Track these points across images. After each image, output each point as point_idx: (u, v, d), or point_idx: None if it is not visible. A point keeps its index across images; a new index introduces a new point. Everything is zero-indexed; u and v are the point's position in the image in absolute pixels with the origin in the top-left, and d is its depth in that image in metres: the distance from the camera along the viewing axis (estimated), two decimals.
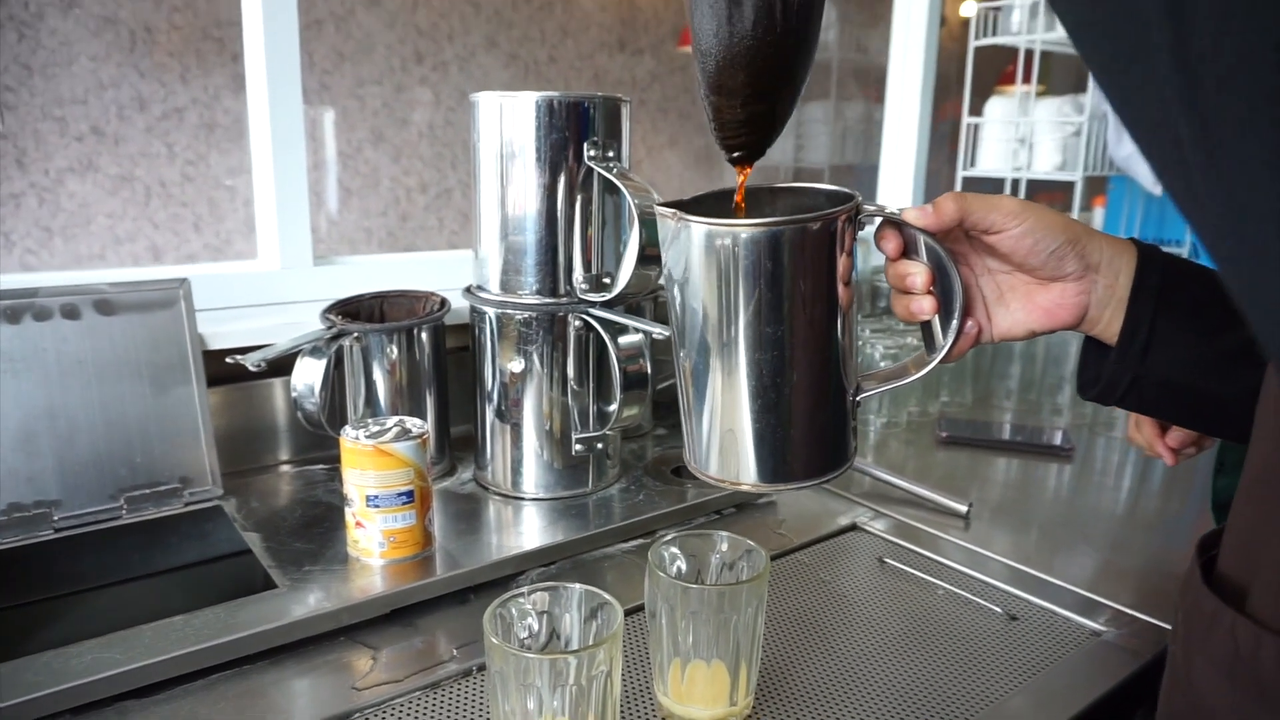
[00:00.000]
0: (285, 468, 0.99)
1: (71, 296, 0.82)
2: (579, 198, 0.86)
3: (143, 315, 0.85)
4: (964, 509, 0.94)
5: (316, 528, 0.83)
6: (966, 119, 1.71)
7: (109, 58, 2.99)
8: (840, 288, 0.50)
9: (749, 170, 0.52)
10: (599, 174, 0.85)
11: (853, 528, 0.92)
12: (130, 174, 3.11)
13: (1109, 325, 0.55)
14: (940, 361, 0.55)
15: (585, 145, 0.84)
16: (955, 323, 0.54)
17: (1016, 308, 0.56)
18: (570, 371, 0.90)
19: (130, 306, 0.85)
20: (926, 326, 0.56)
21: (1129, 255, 0.54)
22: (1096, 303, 0.54)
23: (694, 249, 0.49)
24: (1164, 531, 0.94)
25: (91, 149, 3.03)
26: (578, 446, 0.91)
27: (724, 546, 0.65)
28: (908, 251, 0.55)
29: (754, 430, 0.51)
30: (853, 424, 0.55)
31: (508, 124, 0.84)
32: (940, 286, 0.54)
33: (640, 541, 0.87)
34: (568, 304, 0.87)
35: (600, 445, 0.93)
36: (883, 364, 1.20)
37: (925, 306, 0.54)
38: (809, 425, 0.52)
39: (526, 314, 0.88)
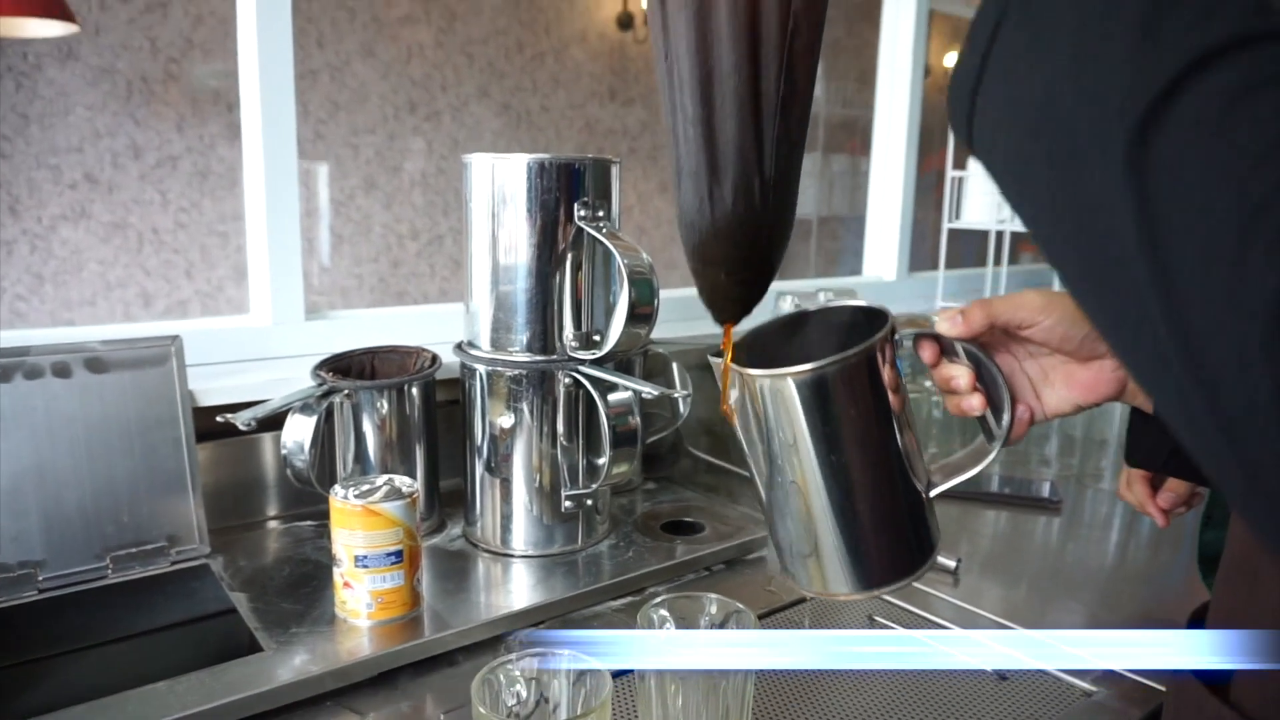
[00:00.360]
0: (273, 524, 0.99)
1: (63, 355, 0.82)
2: (569, 256, 0.87)
3: (134, 373, 0.86)
4: (953, 564, 0.94)
5: (304, 587, 0.83)
6: (951, 172, 1.74)
7: (105, 107, 3.02)
8: (890, 400, 0.53)
9: (734, 325, 0.55)
10: (589, 234, 0.86)
11: None
12: (123, 221, 3.13)
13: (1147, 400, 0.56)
14: (1000, 449, 0.58)
15: (576, 205, 0.86)
16: (1007, 416, 0.57)
17: (1060, 386, 0.58)
18: (560, 428, 0.90)
19: (122, 364, 0.85)
20: (981, 419, 0.58)
21: None
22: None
23: (750, 394, 0.53)
24: (1153, 585, 0.94)
25: (85, 196, 3.05)
26: (567, 503, 0.91)
27: (712, 609, 0.65)
28: (946, 354, 0.57)
29: (837, 548, 0.55)
30: (932, 518, 0.58)
31: (499, 184, 0.86)
32: (984, 382, 0.57)
33: (629, 599, 0.87)
34: (558, 361, 0.88)
35: (590, 501, 0.93)
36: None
37: (975, 404, 0.56)
38: (888, 533, 0.55)
39: (517, 371, 0.88)
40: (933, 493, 0.57)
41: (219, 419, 0.82)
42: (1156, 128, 0.25)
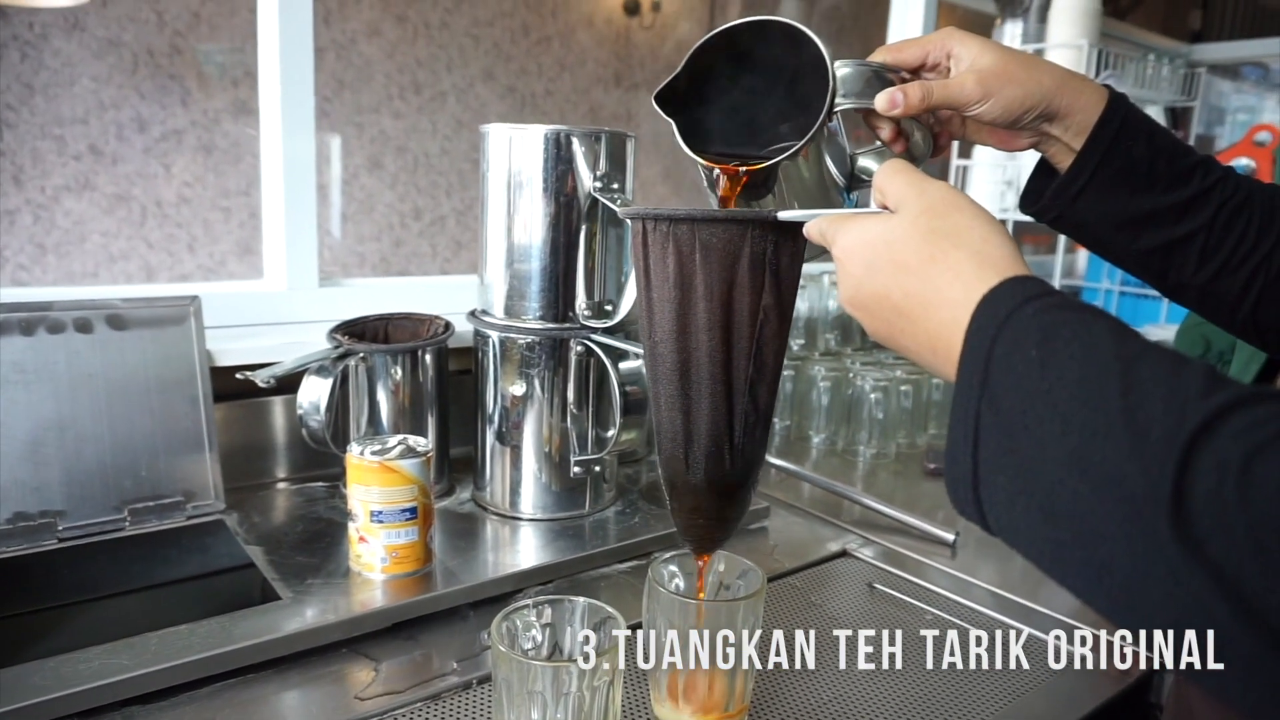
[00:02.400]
0: (285, 484, 1.00)
1: (85, 311, 0.84)
2: (583, 227, 0.89)
3: (153, 331, 0.87)
4: (951, 537, 0.96)
5: (318, 543, 0.85)
6: (955, 161, 1.76)
7: (110, 79, 3.02)
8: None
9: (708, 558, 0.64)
10: (603, 205, 0.88)
11: (843, 554, 0.94)
12: (127, 193, 3.13)
13: (1055, 158, 0.60)
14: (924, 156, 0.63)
15: (591, 177, 0.87)
16: (926, 146, 0.62)
17: (985, 135, 0.63)
18: (570, 396, 0.92)
19: (141, 322, 0.87)
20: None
21: (1092, 109, 0.57)
22: (1044, 144, 0.60)
23: None
24: None
25: (89, 168, 3.05)
26: (576, 469, 0.93)
27: (721, 566, 0.67)
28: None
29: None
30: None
31: (516, 155, 0.87)
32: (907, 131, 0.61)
33: (635, 563, 0.89)
34: (570, 329, 0.90)
35: (598, 468, 0.94)
36: (872, 395, 1.23)
37: (897, 149, 0.61)
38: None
39: (529, 338, 0.90)
40: (851, 195, 0.64)
41: (238, 375, 0.84)
42: (1188, 508, 0.30)
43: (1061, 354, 0.35)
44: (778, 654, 0.74)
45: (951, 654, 0.76)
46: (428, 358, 0.95)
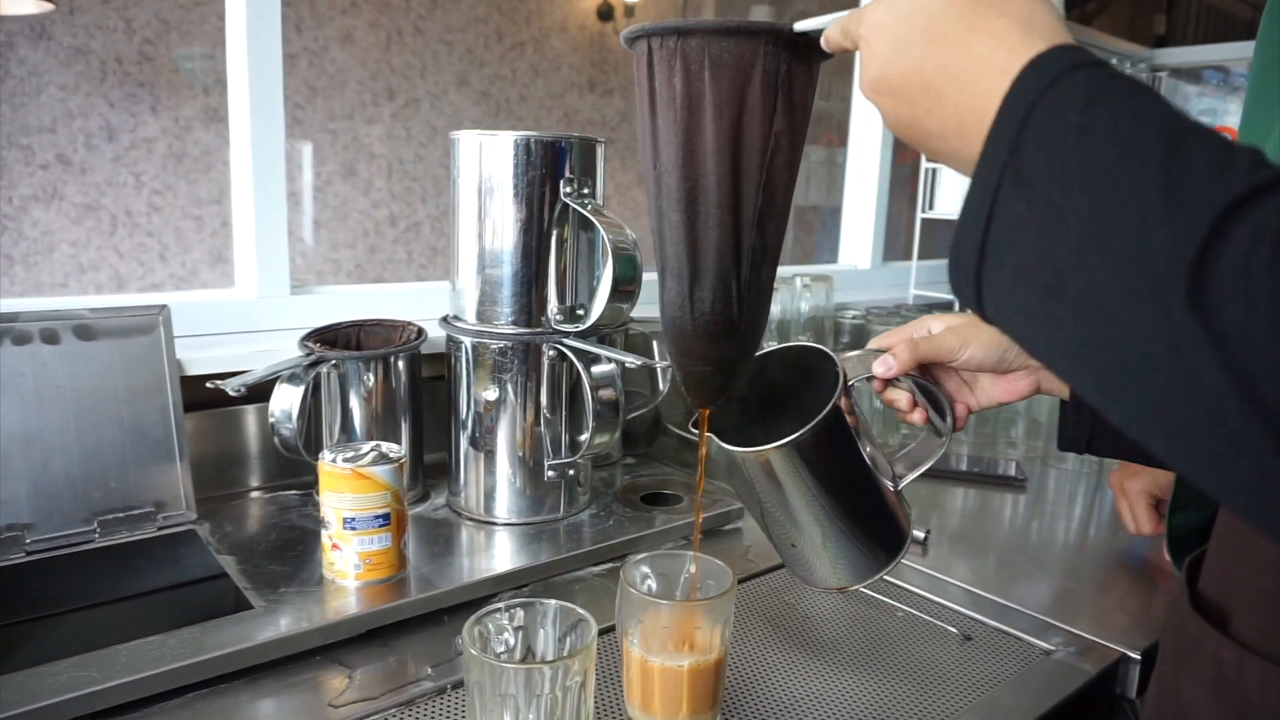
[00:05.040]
0: (258, 493, 1.00)
1: (51, 321, 0.83)
2: (554, 233, 0.89)
3: (122, 341, 0.87)
4: (922, 535, 0.97)
5: (291, 551, 0.84)
6: (924, 163, 1.78)
7: (78, 88, 2.99)
8: (851, 439, 0.63)
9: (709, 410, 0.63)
10: (574, 210, 0.88)
11: None
12: (96, 203, 3.09)
13: (1063, 389, 0.66)
14: (948, 442, 0.69)
15: (561, 183, 0.88)
16: (949, 418, 0.68)
17: (987, 386, 0.69)
18: (544, 400, 0.92)
19: (110, 332, 0.86)
20: (929, 421, 0.70)
21: None
22: (1045, 378, 0.66)
23: (735, 463, 0.63)
24: (1114, 560, 0.98)
25: (57, 177, 3.02)
26: (550, 473, 0.93)
27: (692, 567, 0.68)
28: (888, 383, 0.67)
29: (834, 557, 0.66)
30: (903, 506, 0.68)
31: (487, 162, 0.88)
32: (925, 395, 0.68)
33: (610, 565, 0.89)
34: (542, 334, 0.90)
35: (572, 472, 0.95)
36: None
37: (916, 418, 0.68)
38: (872, 534, 0.66)
39: (502, 343, 0.90)
40: (900, 485, 0.67)
41: (209, 385, 0.84)
42: (1209, 277, 0.28)
43: (1105, 122, 0.31)
44: (750, 653, 0.75)
45: (922, 650, 0.77)
46: (400, 364, 0.95)
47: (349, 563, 0.77)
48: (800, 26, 0.49)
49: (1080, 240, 0.31)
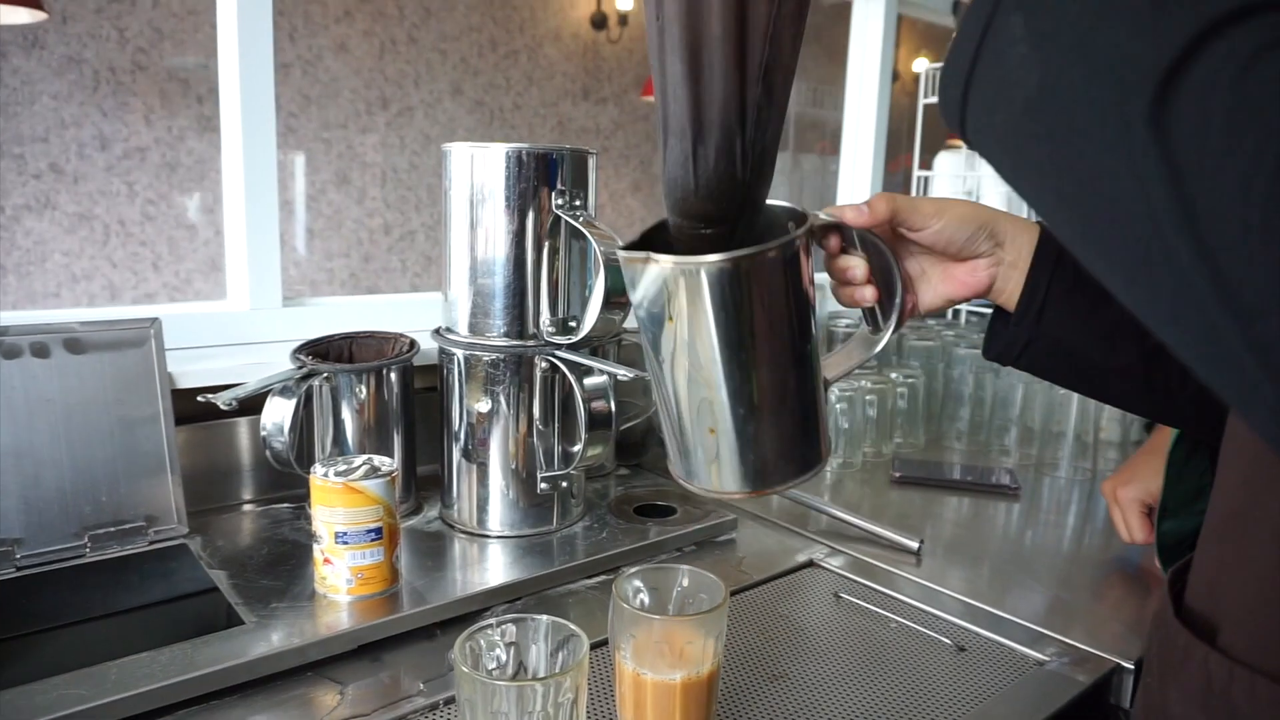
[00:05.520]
0: (250, 506, 1.00)
1: (42, 335, 0.83)
2: (546, 244, 0.89)
3: (113, 354, 0.86)
4: (915, 545, 0.97)
5: (283, 565, 0.84)
6: (917, 172, 1.79)
7: (71, 97, 2.98)
8: (806, 298, 0.54)
9: None
10: (566, 222, 0.88)
11: (810, 564, 0.95)
12: (89, 212, 3.09)
13: (1012, 295, 0.62)
14: (888, 336, 0.63)
15: (553, 194, 0.88)
16: (898, 302, 0.61)
17: (937, 282, 0.64)
18: (536, 412, 0.92)
19: (101, 345, 0.86)
20: (868, 310, 0.63)
21: (1032, 233, 0.62)
22: (1003, 274, 0.62)
23: (663, 285, 0.52)
24: (1108, 568, 0.98)
25: (50, 187, 3.01)
26: (543, 485, 0.93)
27: (685, 581, 0.67)
28: (846, 247, 0.62)
29: (739, 445, 0.54)
30: (824, 421, 0.58)
31: (478, 173, 0.88)
32: (879, 273, 0.61)
33: (603, 578, 0.89)
34: (534, 346, 0.90)
35: (565, 484, 0.95)
36: (838, 405, 1.24)
37: (868, 294, 0.62)
38: (791, 431, 0.56)
39: (494, 355, 0.90)
40: (829, 385, 0.60)
41: (200, 399, 0.83)
42: (1175, 91, 0.27)
43: None
44: (744, 666, 0.75)
45: (916, 662, 0.77)
46: (393, 376, 0.95)
47: (341, 577, 0.77)
48: None
49: (1067, 53, 0.30)
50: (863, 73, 1.83)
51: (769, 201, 0.57)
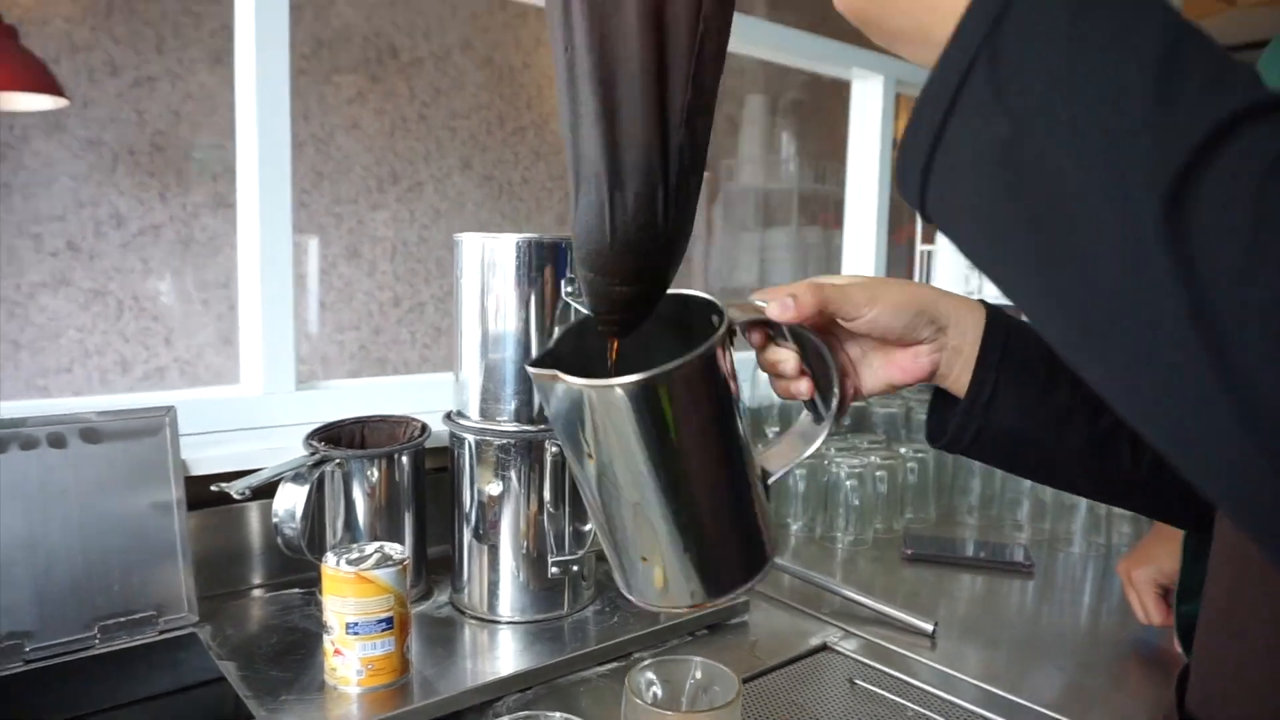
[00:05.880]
0: (259, 591, 0.99)
1: (59, 425, 0.84)
2: (556, 331, 0.90)
3: (127, 443, 0.87)
4: (929, 628, 0.96)
5: (292, 654, 0.83)
6: (920, 246, 1.81)
7: (90, 177, 3.06)
8: (730, 399, 0.51)
9: (619, 340, 0.53)
10: (575, 309, 0.90)
11: (823, 648, 0.94)
12: (104, 288, 3.14)
13: (958, 379, 0.58)
14: (829, 427, 0.58)
15: (563, 282, 0.89)
16: (836, 392, 0.57)
17: (878, 367, 0.60)
18: (547, 495, 0.92)
19: (116, 434, 0.87)
20: (809, 401, 0.59)
21: (977, 315, 0.58)
22: (946, 360, 0.58)
23: (576, 405, 0.48)
24: (1125, 650, 0.97)
25: (66, 264, 3.07)
26: (554, 569, 0.93)
27: (698, 673, 0.67)
28: (774, 337, 0.57)
29: (677, 561, 0.52)
30: (768, 516, 0.55)
31: (489, 261, 0.90)
32: (814, 362, 0.57)
33: (615, 665, 0.88)
34: (545, 431, 0.91)
35: (575, 567, 0.94)
36: (848, 481, 1.24)
37: (803, 388, 0.57)
38: (731, 539, 0.53)
39: (505, 440, 0.91)
40: (770, 481, 0.56)
41: (213, 488, 0.84)
42: (1192, 193, 0.25)
43: (1102, 7, 0.29)
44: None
45: None
46: (404, 460, 0.96)
47: (351, 668, 0.76)
48: None
49: (1054, 134, 0.28)
50: (863, 147, 1.87)
51: (687, 292, 0.54)
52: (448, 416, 0.96)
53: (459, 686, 0.79)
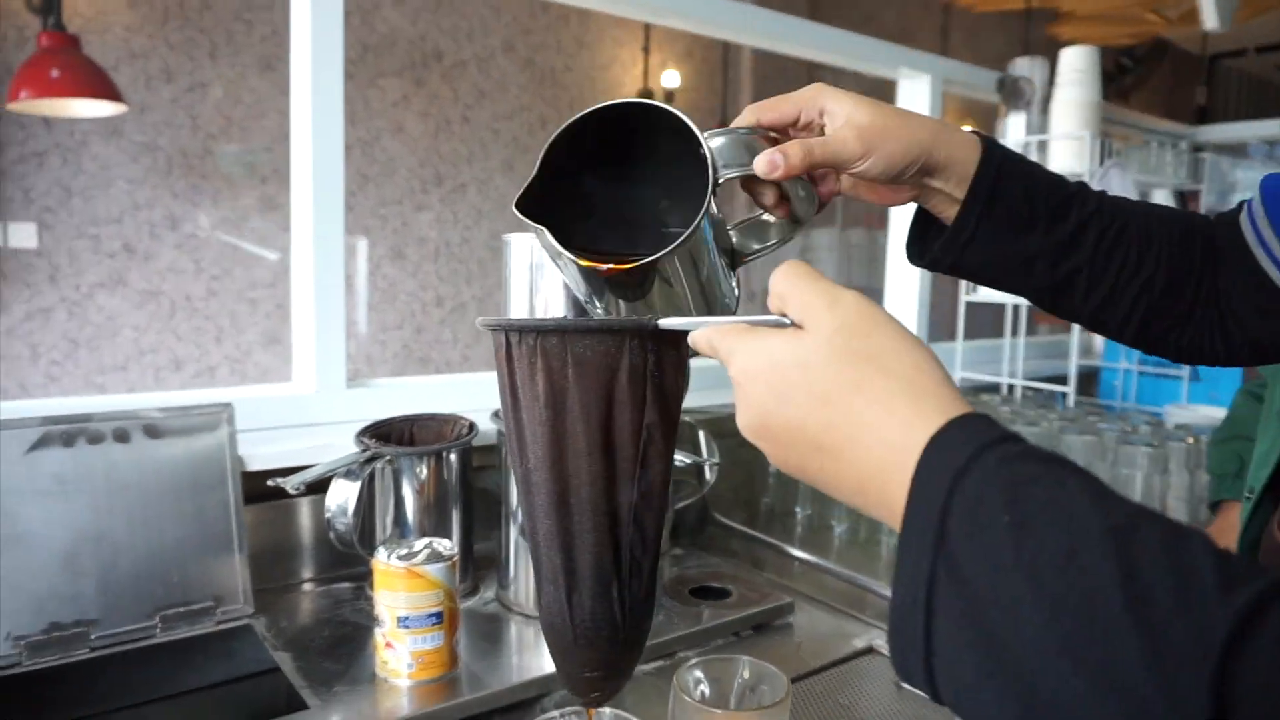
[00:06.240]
0: (310, 585, 1.01)
1: (123, 421, 0.87)
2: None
3: (187, 439, 0.90)
4: None
5: (344, 647, 0.85)
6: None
7: (145, 180, 3.14)
8: (711, 244, 0.54)
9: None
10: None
11: (869, 650, 0.93)
12: (158, 289, 3.22)
13: (937, 208, 0.59)
14: (805, 226, 0.59)
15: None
16: (816, 204, 0.57)
17: (863, 192, 0.59)
18: None
19: (177, 430, 0.89)
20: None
21: (971, 153, 0.56)
22: (927, 195, 0.58)
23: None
24: None
25: (122, 265, 3.15)
26: None
27: (745, 672, 0.67)
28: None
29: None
30: (735, 295, 0.58)
31: (537, 263, 0.91)
32: (791, 191, 0.56)
33: (660, 663, 0.88)
34: None
35: None
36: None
37: (781, 213, 0.57)
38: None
39: None
40: (740, 263, 0.58)
41: (269, 483, 0.86)
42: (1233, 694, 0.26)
43: (1039, 519, 0.30)
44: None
45: None
46: (452, 458, 0.97)
47: (402, 661, 0.78)
48: (665, 324, 0.46)
49: (1052, 655, 0.29)
50: None
51: (671, 110, 0.52)
52: (495, 414, 0.97)
53: (506, 681, 0.80)
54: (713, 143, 0.52)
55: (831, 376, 0.37)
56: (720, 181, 0.52)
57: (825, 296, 0.39)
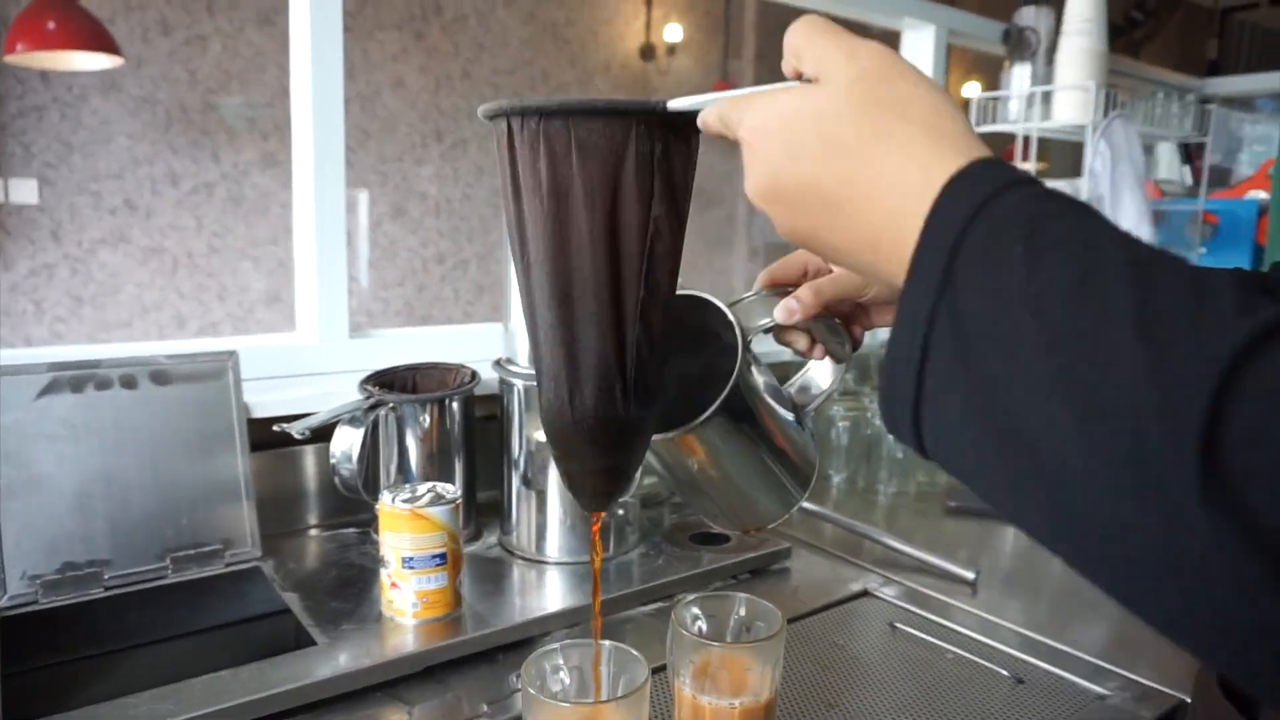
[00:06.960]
0: (316, 531, 1.03)
1: (130, 368, 0.88)
2: None
3: (194, 385, 0.91)
4: (971, 575, 0.97)
5: (351, 588, 0.87)
6: None
7: (145, 136, 3.12)
8: (759, 391, 0.57)
9: (602, 515, 0.60)
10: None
11: (864, 594, 0.95)
12: (160, 245, 3.22)
13: None
14: (847, 366, 0.62)
15: None
16: (848, 347, 0.60)
17: (886, 315, 0.60)
18: None
19: (183, 377, 0.90)
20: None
21: None
22: None
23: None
24: None
25: (124, 222, 3.15)
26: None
27: (742, 610, 0.69)
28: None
29: (751, 501, 0.62)
30: (807, 438, 0.61)
31: None
32: (822, 332, 0.59)
33: (659, 605, 0.90)
34: None
35: (621, 512, 0.97)
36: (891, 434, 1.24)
37: (818, 355, 0.59)
38: (786, 471, 0.61)
39: None
40: (805, 418, 0.62)
41: (275, 429, 0.87)
42: (1223, 455, 0.24)
43: (1056, 252, 0.28)
44: (800, 695, 0.75)
45: (973, 694, 0.77)
46: (455, 406, 0.98)
47: (407, 601, 0.80)
48: (674, 105, 0.45)
49: (1040, 389, 0.28)
50: None
51: (702, 295, 0.58)
52: (497, 363, 0.98)
53: (509, 620, 0.82)
54: (735, 309, 0.56)
55: (849, 126, 0.34)
56: (749, 340, 0.56)
57: (843, 48, 0.36)
